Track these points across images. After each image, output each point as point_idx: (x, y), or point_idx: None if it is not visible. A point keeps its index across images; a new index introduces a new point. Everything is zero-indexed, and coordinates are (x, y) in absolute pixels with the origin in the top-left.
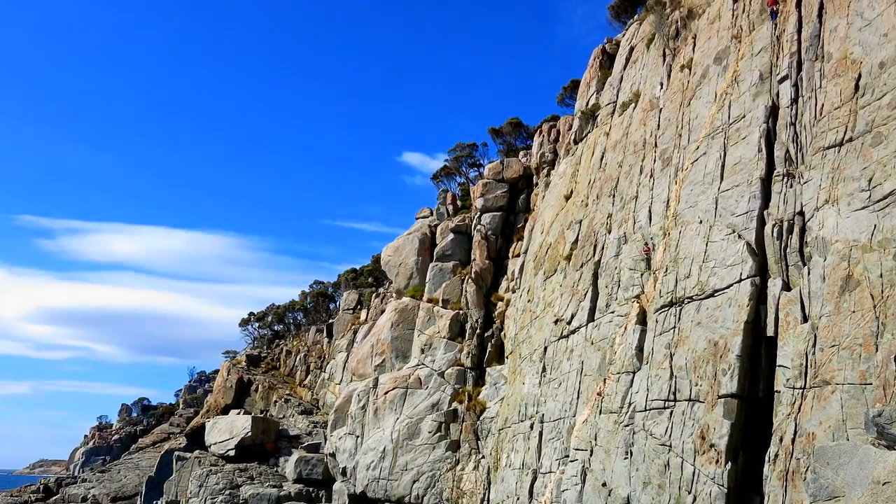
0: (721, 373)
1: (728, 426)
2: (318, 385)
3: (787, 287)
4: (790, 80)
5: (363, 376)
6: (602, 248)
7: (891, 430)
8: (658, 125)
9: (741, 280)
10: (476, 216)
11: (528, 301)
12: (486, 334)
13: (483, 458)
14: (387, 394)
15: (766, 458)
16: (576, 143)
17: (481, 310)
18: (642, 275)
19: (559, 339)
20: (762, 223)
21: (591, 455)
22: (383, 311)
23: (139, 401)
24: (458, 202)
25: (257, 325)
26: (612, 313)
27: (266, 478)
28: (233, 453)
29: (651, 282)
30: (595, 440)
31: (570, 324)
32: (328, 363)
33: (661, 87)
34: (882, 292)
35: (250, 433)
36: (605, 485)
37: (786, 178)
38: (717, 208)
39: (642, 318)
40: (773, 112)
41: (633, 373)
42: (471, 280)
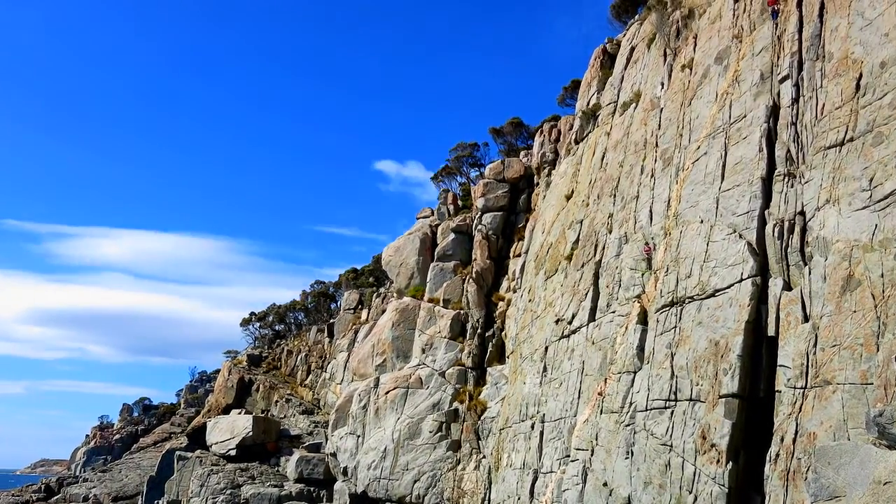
0: (722, 372)
1: (729, 426)
2: (319, 385)
3: (788, 287)
4: (791, 79)
5: (364, 376)
6: (603, 247)
7: (892, 429)
8: (659, 125)
9: (742, 280)
10: (477, 216)
11: (529, 301)
12: (486, 334)
13: (484, 457)
14: (388, 393)
15: (767, 458)
16: (577, 142)
17: (482, 309)
18: (643, 274)
19: (560, 339)
20: (763, 223)
21: (591, 455)
22: (384, 311)
23: (140, 400)
24: (459, 202)
25: (258, 324)
26: (613, 313)
27: (267, 477)
28: (234, 453)
29: (652, 281)
30: (596, 440)
31: (570, 323)
32: (329, 363)
33: (662, 87)
34: (883, 292)
35: (251, 433)
36: (605, 484)
37: (787, 178)
38: (717, 208)
39: (643, 318)
40: (773, 112)
41: (634, 372)
42: (472, 280)
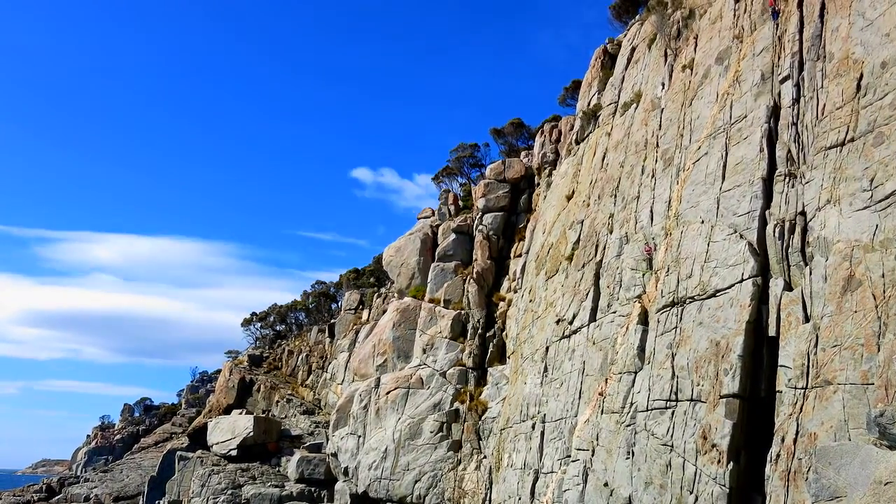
0: (723, 373)
1: (730, 426)
2: (319, 385)
3: (788, 287)
4: (792, 79)
5: (365, 376)
6: (604, 248)
7: (892, 430)
8: (659, 125)
9: (743, 280)
10: (478, 216)
11: (530, 301)
12: (487, 334)
13: (485, 458)
14: (388, 394)
15: (768, 459)
16: (577, 143)
17: (483, 310)
18: (644, 275)
19: (561, 339)
20: (764, 223)
21: (592, 455)
22: (385, 312)
23: (141, 401)
24: (460, 202)
25: (259, 324)
26: (614, 313)
27: (268, 478)
28: (235, 453)
29: (653, 282)
30: (597, 440)
31: (571, 324)
32: (330, 363)
33: (663, 88)
34: (884, 292)
35: (252, 433)
36: (606, 485)
37: (787, 178)
38: (718, 208)
39: (644, 318)
40: (774, 112)
41: (635, 373)
42: (472, 280)
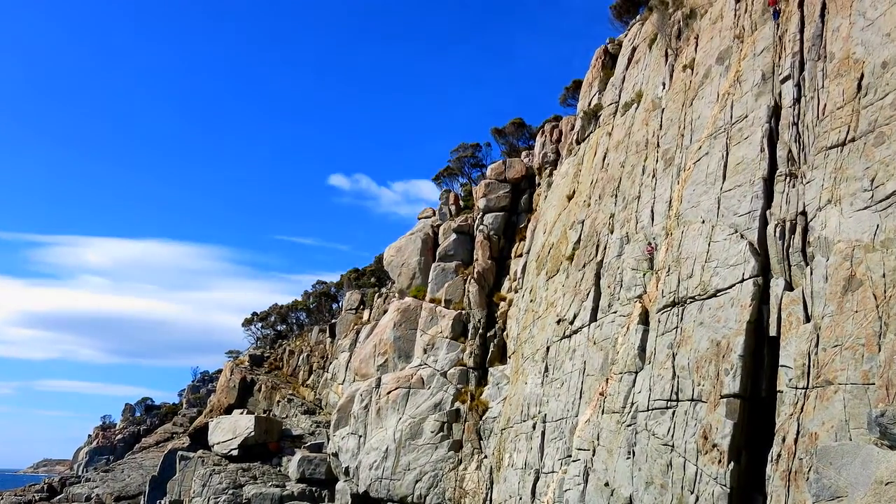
0: (723, 373)
1: (730, 426)
2: (320, 385)
3: (789, 287)
4: (792, 79)
5: (366, 376)
6: (604, 248)
7: (893, 430)
8: (660, 125)
9: (743, 280)
10: (478, 216)
11: (531, 301)
12: (488, 334)
13: (485, 457)
14: (389, 394)
15: (769, 458)
16: (578, 143)
17: (484, 310)
18: (644, 275)
19: (561, 339)
20: (764, 223)
21: (593, 455)
22: (386, 311)
23: (142, 400)
24: (461, 202)
25: (260, 324)
26: (615, 313)
27: (269, 477)
28: (236, 453)
29: (653, 282)
30: (597, 440)
31: (572, 324)
32: (331, 363)
33: (664, 87)
34: (885, 292)
35: (253, 433)
36: (607, 484)
37: (788, 178)
38: (719, 208)
39: (645, 318)
40: (775, 112)
41: (636, 373)
42: (473, 280)
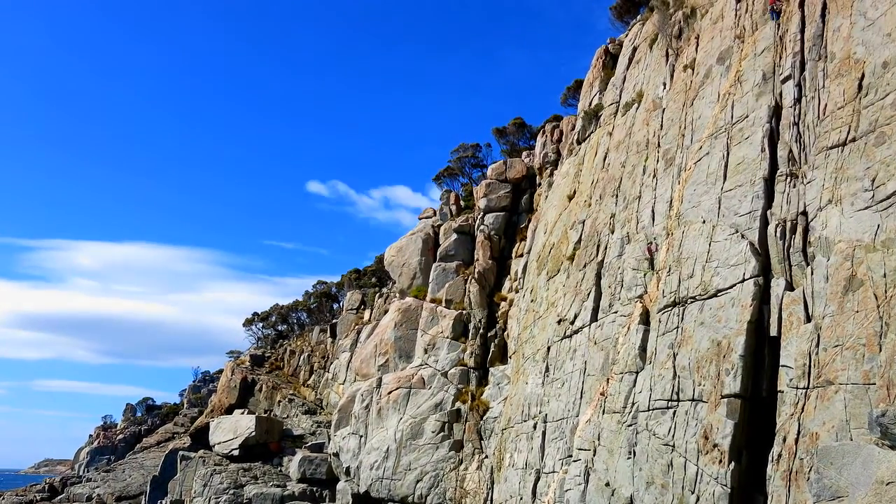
0: (724, 373)
1: (731, 426)
2: (321, 385)
3: (790, 287)
4: (793, 79)
5: (366, 376)
6: (605, 248)
7: (894, 430)
8: (661, 125)
9: (744, 280)
10: (479, 216)
11: (532, 301)
12: (489, 334)
13: (486, 457)
14: (390, 394)
15: (770, 458)
16: (579, 143)
17: (484, 310)
18: (645, 275)
19: (562, 339)
20: (765, 223)
21: (594, 455)
22: (386, 312)
23: (143, 400)
24: (462, 202)
25: (261, 325)
26: (615, 313)
27: (270, 477)
28: (237, 453)
29: (654, 282)
30: (598, 440)
31: (573, 324)
32: (332, 363)
33: (664, 87)
34: (886, 292)
35: (254, 433)
36: (608, 484)
37: (789, 178)
38: (720, 208)
39: (645, 318)
40: (776, 112)
41: (636, 373)
42: (474, 280)
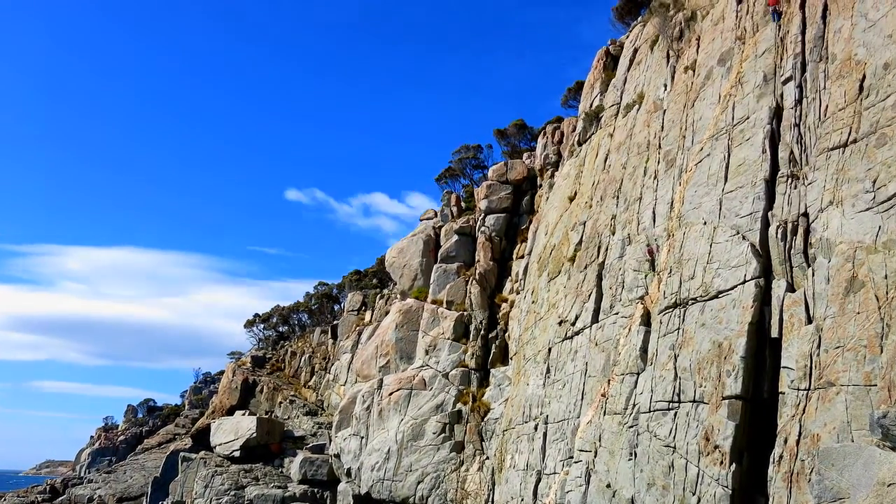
0: (725, 374)
1: (732, 427)
2: (322, 386)
3: (791, 288)
4: (794, 81)
5: (368, 377)
6: (606, 249)
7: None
8: (662, 127)
9: (745, 281)
10: (480, 218)
11: (533, 302)
12: (490, 336)
13: (487, 459)
14: (391, 395)
15: (771, 460)
16: (580, 144)
17: (485, 311)
18: (646, 276)
19: (563, 341)
20: (766, 224)
21: (595, 456)
22: (388, 313)
23: (144, 402)
24: (463, 204)
25: (262, 326)
26: (617, 315)
27: (271, 478)
28: (238, 454)
29: (655, 283)
30: (599, 441)
31: (574, 325)
32: (333, 364)
33: (665, 89)
34: (887, 293)
35: (255, 434)
36: (609, 486)
37: (790, 180)
38: (721, 210)
39: (646, 320)
40: (777, 113)
41: (638, 374)
42: (475, 281)
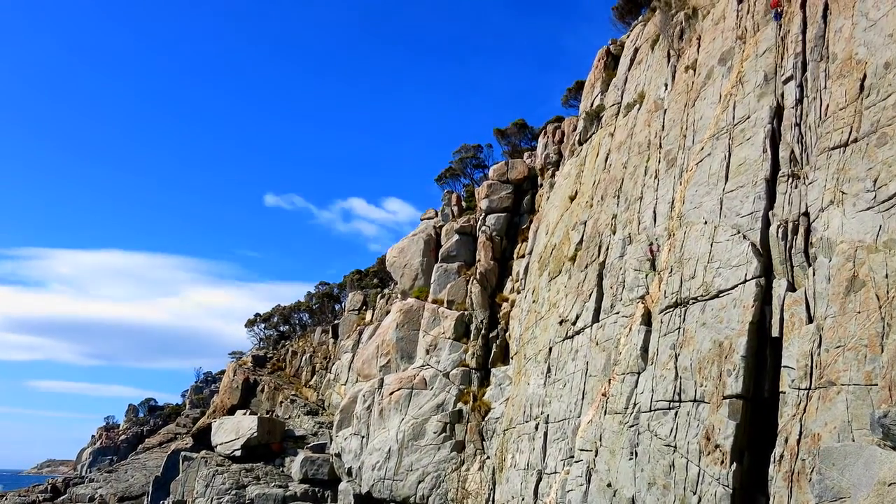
0: (726, 373)
1: (733, 427)
2: (323, 385)
3: (792, 288)
4: (795, 80)
5: (368, 377)
6: (607, 248)
7: None
8: (662, 126)
9: (746, 281)
10: (481, 217)
11: (533, 302)
12: (490, 335)
13: (488, 458)
14: (392, 394)
15: (772, 459)
16: (580, 144)
17: (486, 311)
18: (647, 275)
19: (564, 340)
20: (767, 224)
21: (596, 456)
22: (388, 312)
23: (146, 401)
24: (463, 203)
25: (263, 325)
26: (617, 314)
27: (272, 478)
28: (239, 453)
29: (656, 282)
30: (600, 441)
31: (574, 324)
32: (334, 364)
33: (666, 88)
34: (887, 293)
35: (256, 433)
36: (610, 485)
37: (791, 179)
38: (721, 209)
39: (647, 319)
40: (777, 113)
41: (638, 373)
42: (476, 281)
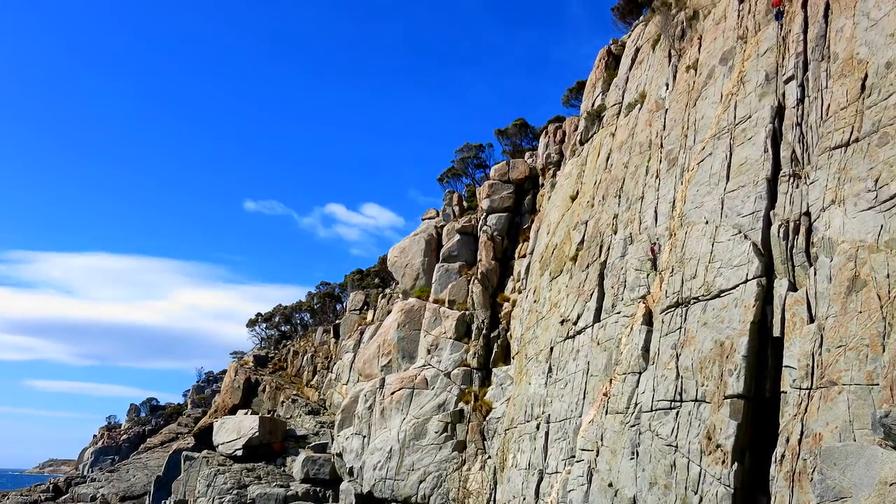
0: (727, 373)
1: (734, 427)
2: (324, 385)
3: (793, 287)
4: (796, 80)
5: (370, 377)
6: (608, 248)
7: None
8: (664, 126)
9: (747, 280)
10: (482, 217)
11: (534, 301)
12: (492, 335)
13: (489, 458)
14: (393, 394)
15: (773, 459)
16: (581, 143)
17: (487, 310)
18: (648, 275)
19: (565, 340)
20: (768, 224)
21: (597, 455)
22: (390, 312)
23: (147, 401)
24: (464, 203)
25: (264, 325)
26: (618, 314)
27: (273, 477)
28: (240, 453)
29: (657, 282)
30: (601, 440)
31: (576, 324)
32: (335, 363)
33: (667, 88)
34: (889, 293)
35: (258, 433)
36: (611, 485)
37: (792, 179)
38: (723, 209)
39: (648, 319)
40: (779, 112)
41: (640, 373)
42: (477, 281)
